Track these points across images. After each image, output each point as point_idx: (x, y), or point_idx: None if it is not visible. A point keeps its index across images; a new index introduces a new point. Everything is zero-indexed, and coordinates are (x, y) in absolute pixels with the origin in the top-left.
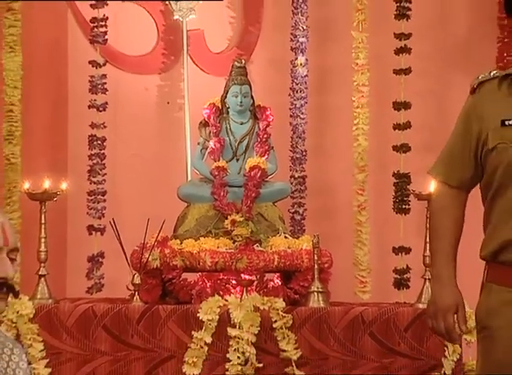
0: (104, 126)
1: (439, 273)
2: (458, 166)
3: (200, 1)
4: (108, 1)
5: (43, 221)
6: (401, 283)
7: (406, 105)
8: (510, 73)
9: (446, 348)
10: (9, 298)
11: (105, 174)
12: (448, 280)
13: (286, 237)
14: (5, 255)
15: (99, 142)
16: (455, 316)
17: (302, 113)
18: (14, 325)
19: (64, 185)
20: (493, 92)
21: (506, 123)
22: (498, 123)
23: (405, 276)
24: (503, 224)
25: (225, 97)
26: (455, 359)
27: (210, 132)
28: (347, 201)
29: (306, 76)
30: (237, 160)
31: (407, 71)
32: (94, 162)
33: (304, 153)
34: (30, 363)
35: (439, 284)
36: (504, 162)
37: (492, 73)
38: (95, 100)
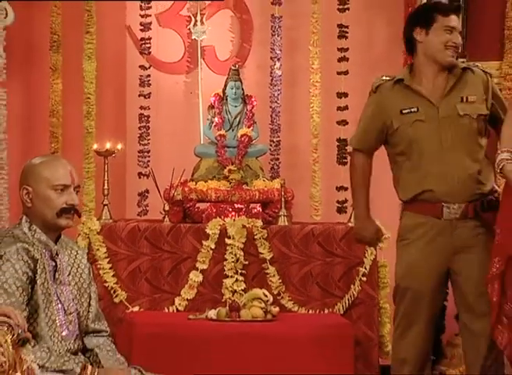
0: (149, 108)
1: (360, 213)
2: (369, 140)
3: (210, 28)
4: (151, 27)
5: (106, 169)
6: (341, 210)
7: (345, 95)
8: (398, 79)
9: (365, 252)
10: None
11: (149, 139)
12: (366, 217)
13: (264, 180)
14: (72, 190)
15: (145, 118)
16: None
17: (278, 100)
18: (87, 236)
19: (119, 146)
20: (389, 91)
21: (403, 111)
22: (398, 112)
23: (344, 205)
24: (415, 179)
25: (225, 89)
26: (372, 258)
27: (215, 112)
28: (306, 157)
29: (280, 75)
30: (232, 130)
31: (345, 73)
32: (142, 131)
33: (279, 126)
34: (89, 262)
35: (361, 221)
36: (406, 138)
37: (383, 78)
38: (143, 91)
